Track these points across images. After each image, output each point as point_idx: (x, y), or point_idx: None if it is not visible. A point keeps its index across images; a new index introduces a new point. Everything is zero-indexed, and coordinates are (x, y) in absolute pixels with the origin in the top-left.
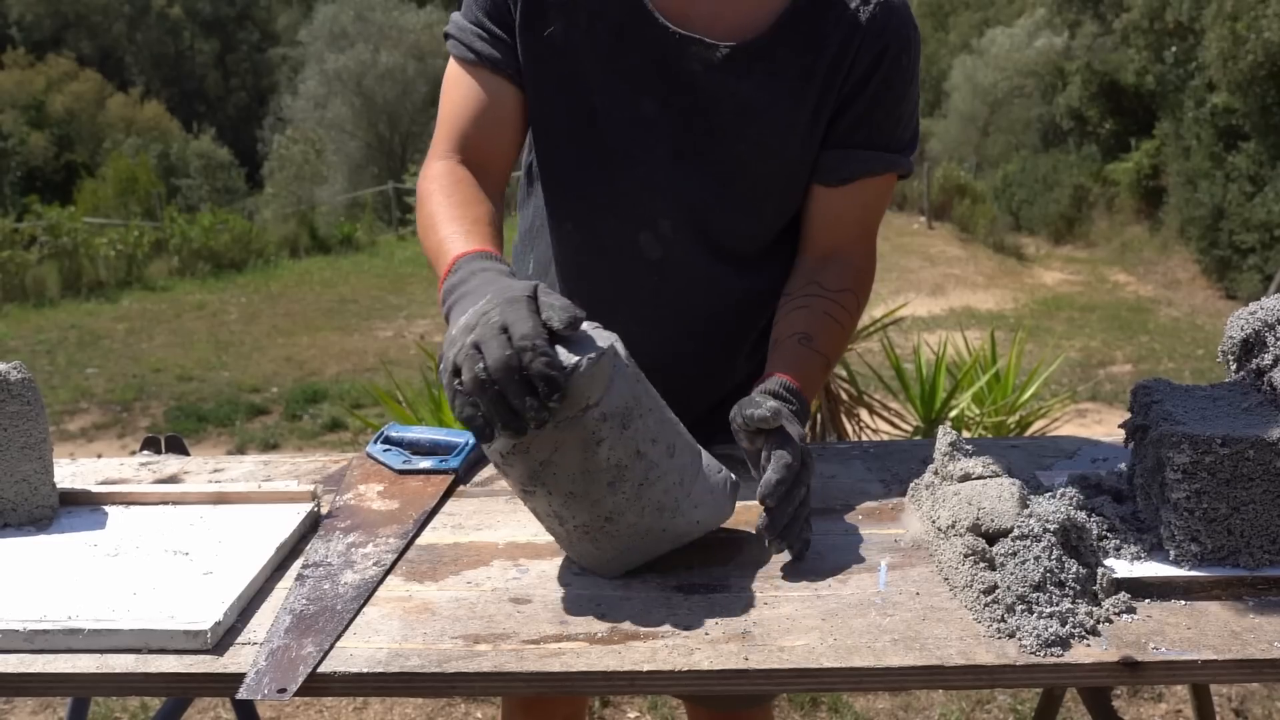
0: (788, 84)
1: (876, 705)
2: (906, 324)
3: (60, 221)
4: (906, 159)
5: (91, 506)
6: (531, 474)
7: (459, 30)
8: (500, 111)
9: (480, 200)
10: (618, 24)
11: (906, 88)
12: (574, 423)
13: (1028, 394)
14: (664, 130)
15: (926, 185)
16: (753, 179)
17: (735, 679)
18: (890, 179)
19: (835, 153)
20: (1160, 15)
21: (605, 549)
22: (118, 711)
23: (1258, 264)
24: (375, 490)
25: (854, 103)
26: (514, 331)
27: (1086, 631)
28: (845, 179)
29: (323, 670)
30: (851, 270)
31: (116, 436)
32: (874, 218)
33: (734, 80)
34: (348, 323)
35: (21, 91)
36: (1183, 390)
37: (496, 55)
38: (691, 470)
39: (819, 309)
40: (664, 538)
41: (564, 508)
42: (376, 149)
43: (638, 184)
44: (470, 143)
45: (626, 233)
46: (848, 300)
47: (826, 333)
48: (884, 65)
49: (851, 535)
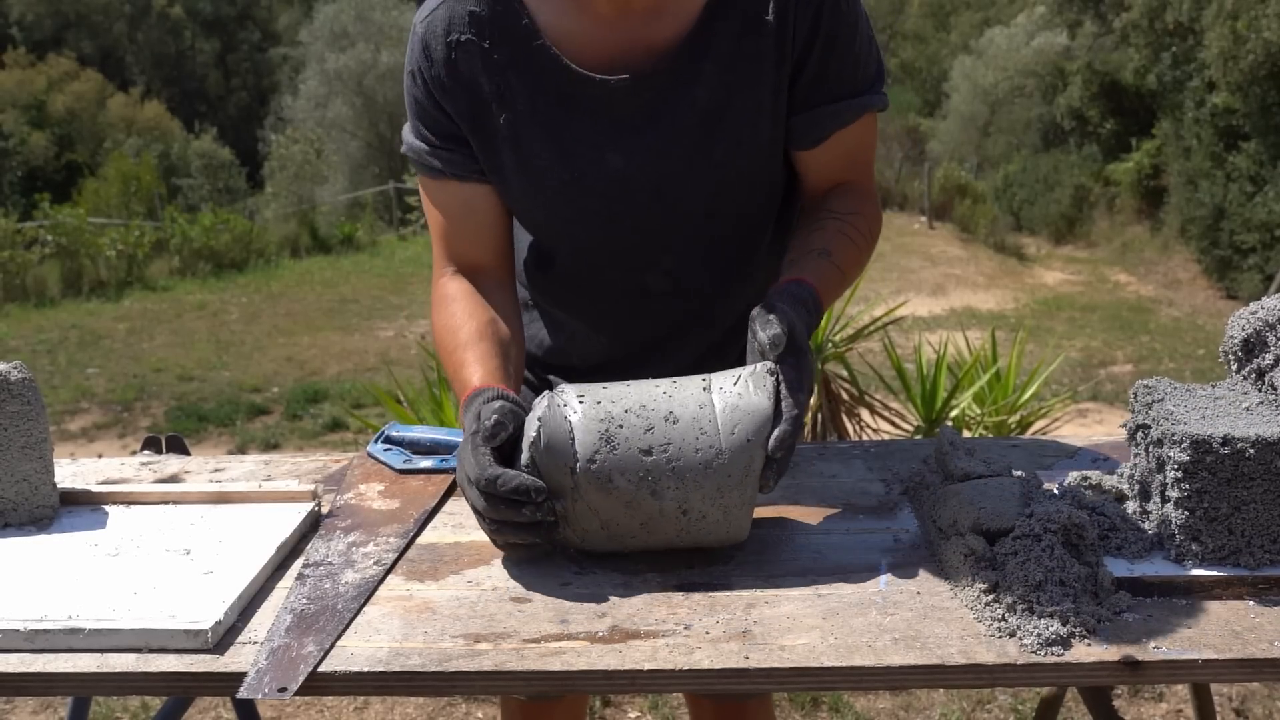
0: (738, 73)
1: (877, 705)
2: (907, 324)
3: (68, 221)
4: (876, 95)
5: (92, 506)
6: (602, 535)
7: (412, 150)
8: (477, 216)
9: (466, 320)
10: (554, 93)
11: (853, 33)
12: (576, 487)
13: (1028, 394)
14: (639, 177)
15: (927, 185)
16: (739, 177)
17: (736, 678)
18: (867, 119)
19: (802, 116)
20: (1160, 15)
21: (717, 525)
22: (118, 711)
23: (1258, 264)
24: (376, 490)
25: (805, 66)
26: (472, 477)
27: (1087, 631)
28: (819, 139)
29: (323, 669)
30: (855, 196)
31: (117, 436)
32: (864, 155)
33: (686, 91)
34: (349, 322)
35: (22, 91)
36: (1184, 390)
37: (455, 163)
38: (706, 413)
39: (833, 228)
40: (737, 465)
41: (649, 533)
42: (377, 149)
43: (629, 236)
44: (458, 253)
45: (633, 280)
46: (858, 222)
47: (842, 248)
48: (823, 21)
49: (852, 534)
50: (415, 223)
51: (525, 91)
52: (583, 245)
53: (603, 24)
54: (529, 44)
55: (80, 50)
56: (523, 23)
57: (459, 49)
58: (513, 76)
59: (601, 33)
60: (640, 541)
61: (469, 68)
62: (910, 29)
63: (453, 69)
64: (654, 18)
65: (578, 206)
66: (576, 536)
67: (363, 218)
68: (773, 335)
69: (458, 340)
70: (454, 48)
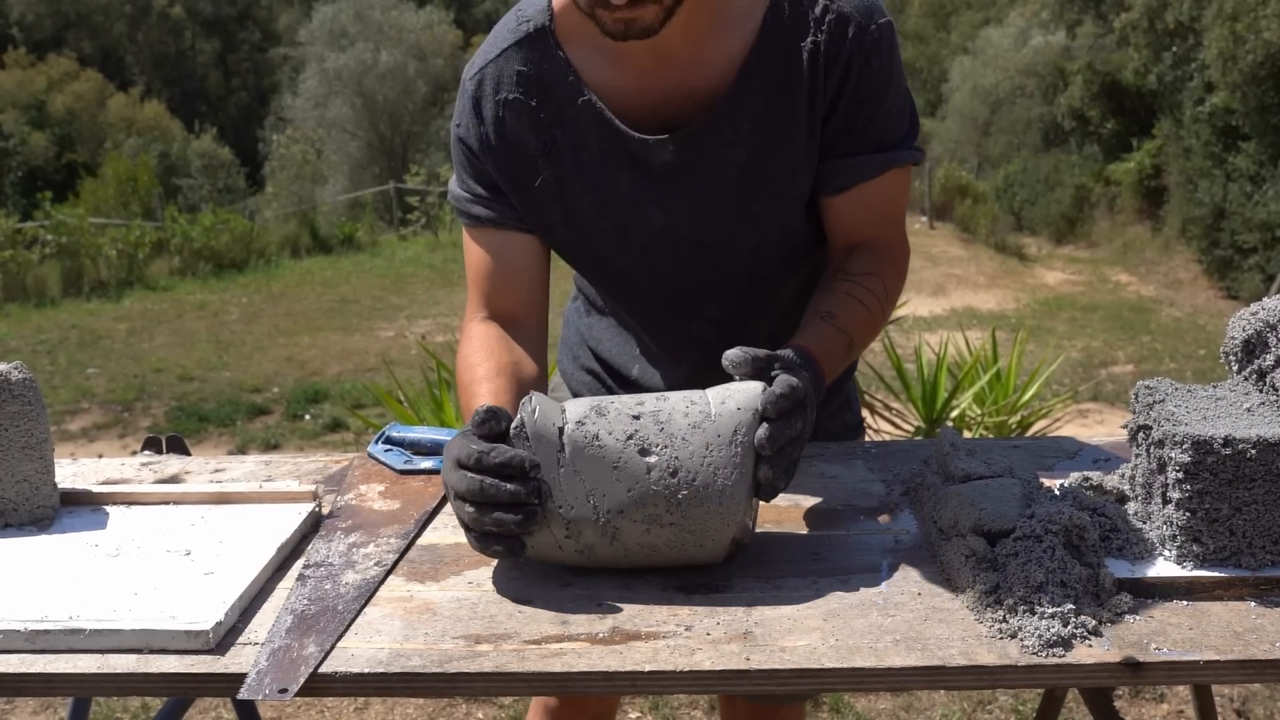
0: (773, 128)
1: (878, 706)
2: (908, 324)
3: (69, 221)
4: (906, 151)
5: (93, 506)
6: (598, 524)
7: (456, 199)
8: (513, 265)
9: (485, 358)
10: (598, 148)
11: (886, 89)
12: (563, 450)
13: (1029, 394)
14: (680, 232)
15: (928, 185)
16: (779, 229)
17: (737, 679)
18: (896, 176)
19: (829, 164)
20: (1160, 15)
21: (706, 493)
22: (118, 712)
23: (1259, 264)
24: (376, 490)
25: (833, 117)
26: (460, 457)
27: (1088, 632)
28: (841, 188)
29: (324, 670)
30: (875, 255)
31: (117, 436)
32: (891, 210)
33: (725, 150)
34: (349, 323)
35: (22, 91)
36: (1185, 390)
37: (495, 215)
38: (697, 394)
39: (841, 290)
40: (726, 426)
41: (638, 506)
42: (378, 149)
43: (673, 288)
44: (491, 300)
45: (677, 326)
46: (872, 283)
47: (848, 312)
48: (852, 76)
49: (853, 535)
50: (415, 223)
51: (570, 146)
52: (630, 293)
53: (643, 76)
54: (574, 101)
55: (80, 50)
56: (568, 79)
57: (507, 108)
58: (559, 133)
59: (642, 84)
60: (629, 529)
61: (516, 126)
62: (911, 29)
63: (500, 127)
64: (693, 68)
65: (622, 258)
66: (560, 528)
67: (363, 218)
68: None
69: (474, 375)
70: (502, 106)
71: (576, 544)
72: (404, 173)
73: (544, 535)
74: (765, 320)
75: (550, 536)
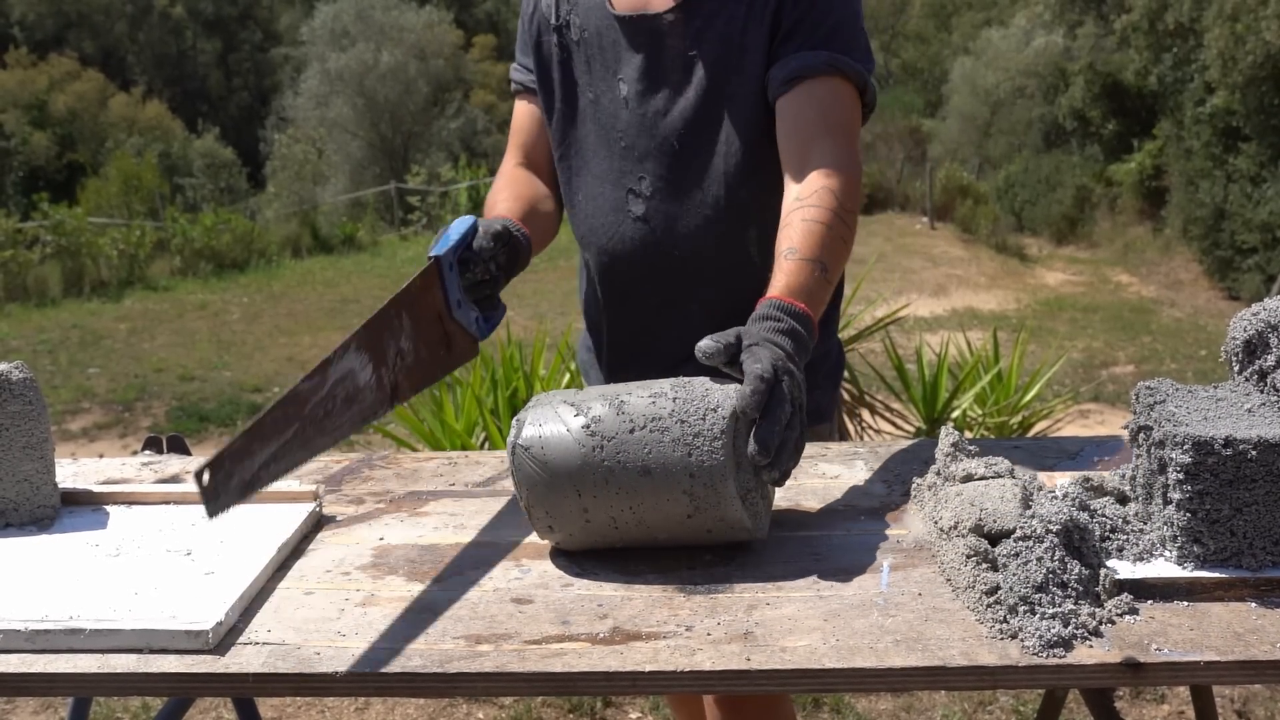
0: (743, 9)
1: (878, 706)
2: (909, 324)
3: (66, 221)
4: (851, 61)
5: (93, 506)
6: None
7: (512, 66)
8: (539, 126)
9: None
10: (594, 27)
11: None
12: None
13: (1030, 395)
14: (653, 104)
15: (929, 186)
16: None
17: (737, 679)
18: (844, 84)
19: (776, 64)
20: (1161, 16)
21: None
22: (119, 711)
23: (1259, 264)
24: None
25: (783, 16)
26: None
27: (1089, 632)
28: (788, 79)
29: (324, 670)
30: (823, 170)
31: (118, 436)
32: (836, 116)
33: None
34: (350, 323)
35: (24, 91)
36: (1186, 391)
37: (529, 83)
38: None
39: (796, 220)
40: (697, 386)
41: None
42: (379, 149)
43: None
44: (522, 153)
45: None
46: (824, 198)
47: (809, 239)
48: None
49: (854, 536)
50: (416, 223)
51: (578, 25)
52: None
53: None
54: None
55: (82, 50)
56: None
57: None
58: (573, 13)
59: None
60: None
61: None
62: (912, 30)
63: (538, 7)
64: None
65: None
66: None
67: (364, 218)
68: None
69: (499, 197)
70: None
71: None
72: (405, 173)
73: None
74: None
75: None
